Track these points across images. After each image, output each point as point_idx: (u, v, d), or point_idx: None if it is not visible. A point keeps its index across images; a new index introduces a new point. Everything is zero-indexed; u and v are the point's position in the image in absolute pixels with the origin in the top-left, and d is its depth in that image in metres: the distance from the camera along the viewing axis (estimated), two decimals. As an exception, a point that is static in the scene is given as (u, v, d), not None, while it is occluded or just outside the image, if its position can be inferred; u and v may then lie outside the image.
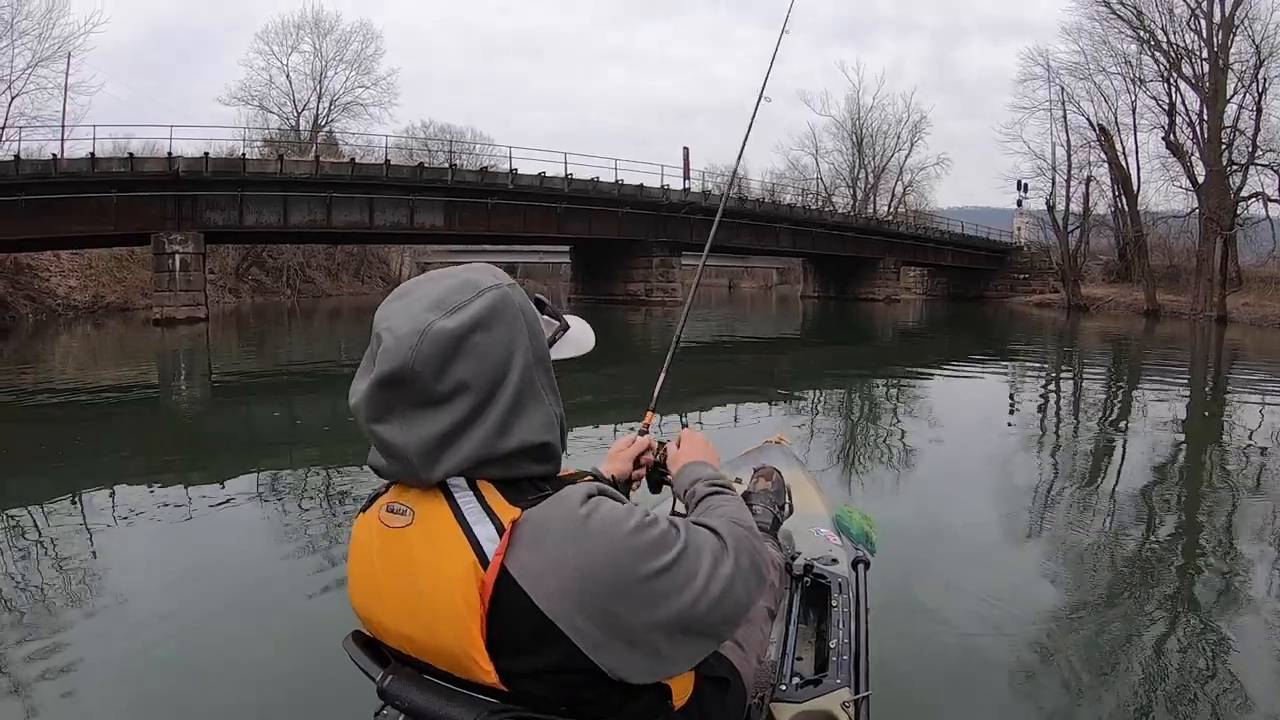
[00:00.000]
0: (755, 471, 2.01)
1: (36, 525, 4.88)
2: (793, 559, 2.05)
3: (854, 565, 2.26)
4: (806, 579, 2.10)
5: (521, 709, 1.04)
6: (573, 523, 1.03)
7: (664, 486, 1.72)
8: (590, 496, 1.08)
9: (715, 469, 1.46)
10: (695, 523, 1.16)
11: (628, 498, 1.28)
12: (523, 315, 1.11)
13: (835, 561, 2.27)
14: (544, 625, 1.01)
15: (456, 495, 1.06)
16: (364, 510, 1.17)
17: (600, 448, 1.82)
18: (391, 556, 1.10)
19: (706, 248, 3.33)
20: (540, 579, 1.01)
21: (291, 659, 3.04)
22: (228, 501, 5.26)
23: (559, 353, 1.23)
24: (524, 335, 1.10)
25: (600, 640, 1.02)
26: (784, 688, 1.68)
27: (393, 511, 1.10)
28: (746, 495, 1.87)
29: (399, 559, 1.09)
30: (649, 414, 1.91)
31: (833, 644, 1.88)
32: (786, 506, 1.94)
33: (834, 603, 2.06)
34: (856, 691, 1.73)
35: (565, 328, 1.27)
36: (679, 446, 1.58)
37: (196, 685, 2.86)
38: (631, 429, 1.84)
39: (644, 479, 1.70)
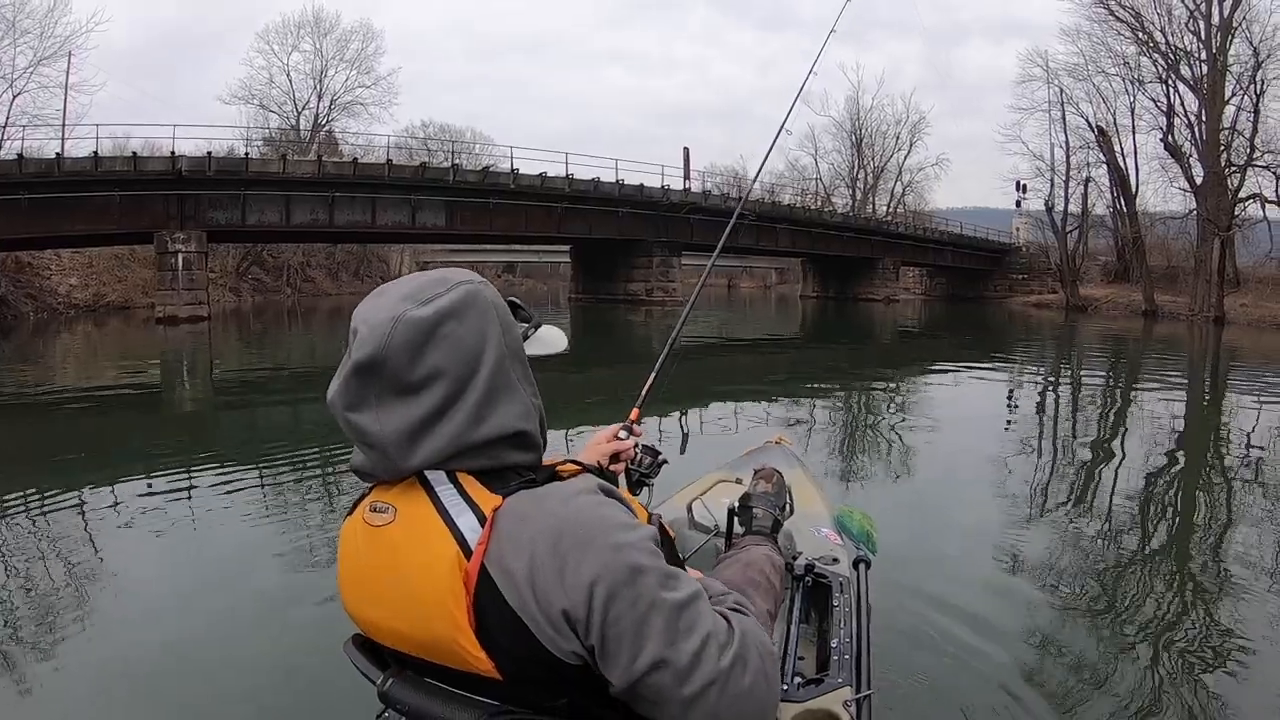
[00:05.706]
0: (755, 473, 2.02)
1: (36, 524, 4.88)
2: (794, 559, 2.05)
3: (855, 565, 2.25)
4: (807, 579, 2.08)
5: (521, 710, 1.04)
6: (556, 519, 1.01)
7: (642, 488, 1.77)
8: (582, 493, 1.05)
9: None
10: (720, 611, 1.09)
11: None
12: (495, 309, 1.12)
13: (836, 561, 2.26)
14: (515, 620, 1.00)
15: (437, 488, 1.06)
16: (349, 514, 1.18)
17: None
18: (376, 554, 1.09)
19: (716, 252, 3.40)
20: (510, 575, 0.99)
21: (294, 662, 3.03)
22: (230, 502, 5.27)
23: (531, 349, 1.24)
24: (496, 326, 1.11)
25: (564, 645, 1.00)
26: (785, 687, 1.65)
27: (375, 511, 1.10)
28: (746, 497, 1.90)
29: (383, 556, 1.08)
30: (635, 410, 1.97)
31: (834, 643, 1.87)
32: (787, 507, 1.97)
33: (835, 602, 2.04)
34: (858, 691, 1.72)
35: (536, 326, 1.29)
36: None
37: (199, 687, 2.87)
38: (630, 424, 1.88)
39: (622, 475, 1.74)
